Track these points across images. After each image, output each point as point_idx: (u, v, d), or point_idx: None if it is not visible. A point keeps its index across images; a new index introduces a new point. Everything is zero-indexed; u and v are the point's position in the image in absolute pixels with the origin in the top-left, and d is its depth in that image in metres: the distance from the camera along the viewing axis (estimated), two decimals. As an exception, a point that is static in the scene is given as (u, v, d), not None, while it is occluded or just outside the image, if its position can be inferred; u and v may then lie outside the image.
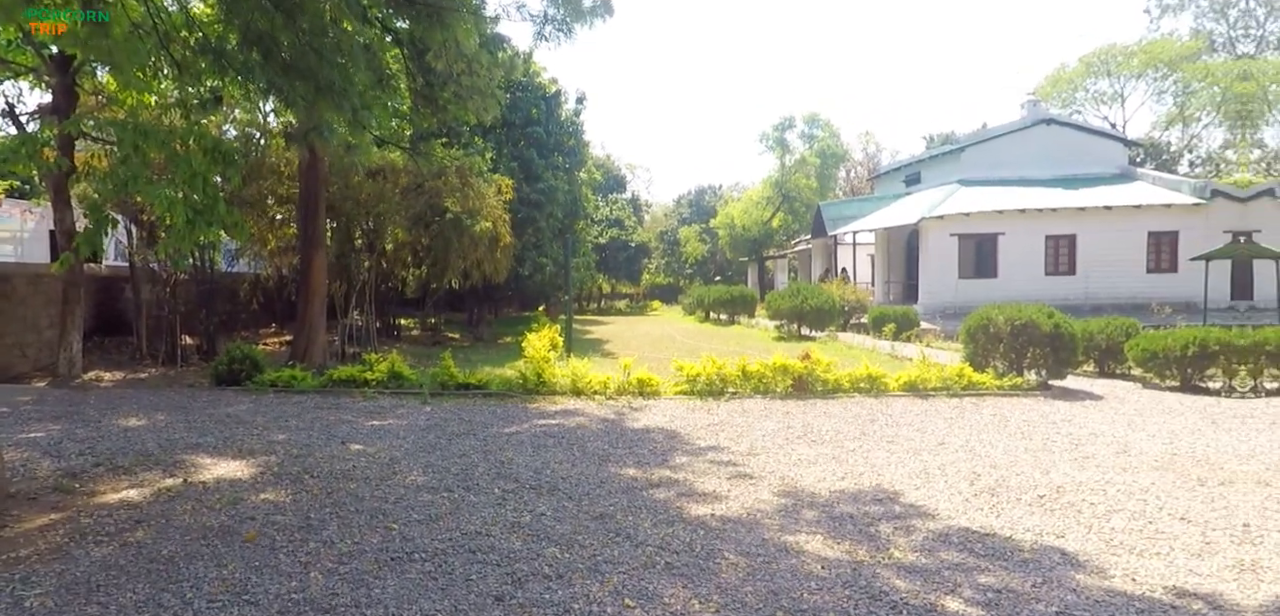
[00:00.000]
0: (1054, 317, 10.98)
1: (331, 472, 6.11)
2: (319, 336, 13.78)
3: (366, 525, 4.79)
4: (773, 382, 10.74)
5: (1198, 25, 37.91)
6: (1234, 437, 7.56)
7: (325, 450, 6.93)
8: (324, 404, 9.64)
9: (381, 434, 7.75)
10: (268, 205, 15.79)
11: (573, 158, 26.71)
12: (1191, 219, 21.22)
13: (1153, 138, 37.29)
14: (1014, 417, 8.81)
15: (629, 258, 44.52)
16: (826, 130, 40.82)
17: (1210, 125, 36.89)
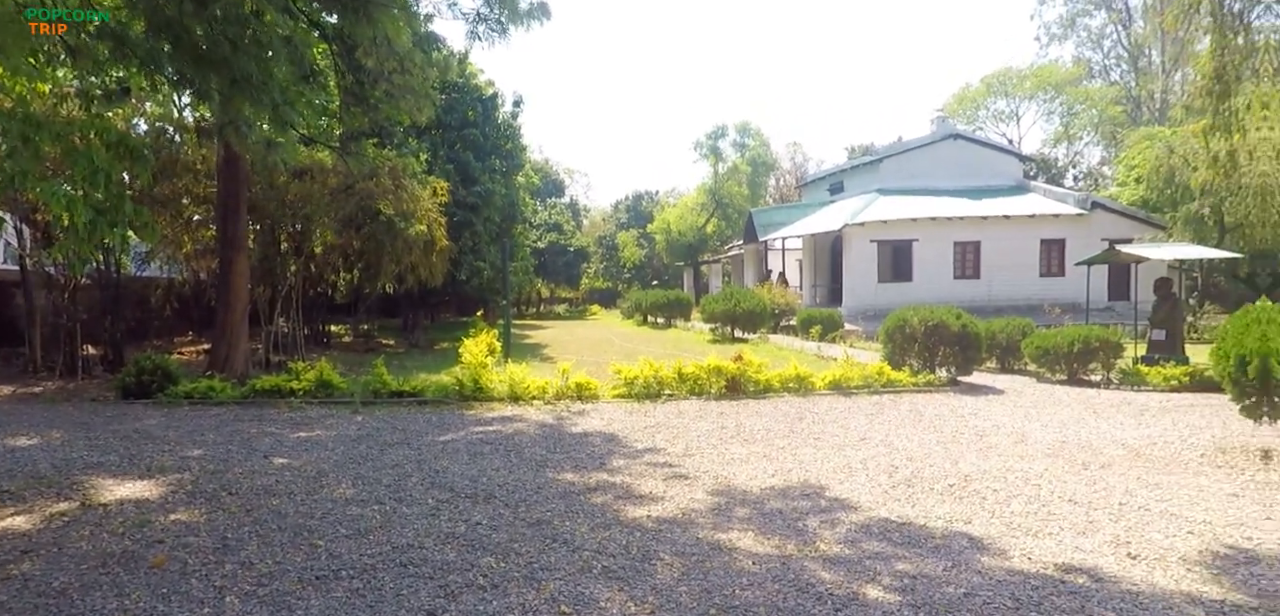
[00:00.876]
0: (962, 319, 11.60)
1: (252, 489, 5.73)
2: (240, 344, 12.90)
3: (289, 543, 4.51)
4: (707, 384, 10.88)
5: (1078, 53, 41.08)
6: (1110, 425, 8.18)
7: (245, 465, 6.51)
8: (245, 416, 9.05)
9: (308, 446, 7.34)
10: (183, 205, 14.72)
11: (510, 161, 26.25)
12: (1076, 227, 22.91)
13: (1043, 154, 40.09)
14: (928, 412, 9.24)
15: (568, 262, 44.21)
16: (757, 140, 41.85)
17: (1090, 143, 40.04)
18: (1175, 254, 12.17)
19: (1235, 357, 6.15)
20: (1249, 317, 6.18)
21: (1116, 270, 22.35)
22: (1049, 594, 3.70)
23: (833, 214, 26.36)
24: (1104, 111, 36.68)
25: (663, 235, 42.15)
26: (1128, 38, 39.26)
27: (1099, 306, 21.60)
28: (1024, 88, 40.60)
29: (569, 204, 54.86)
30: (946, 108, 39.51)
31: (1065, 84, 38.85)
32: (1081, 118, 38.25)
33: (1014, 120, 42.29)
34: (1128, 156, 27.51)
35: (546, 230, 43.26)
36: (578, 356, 16.76)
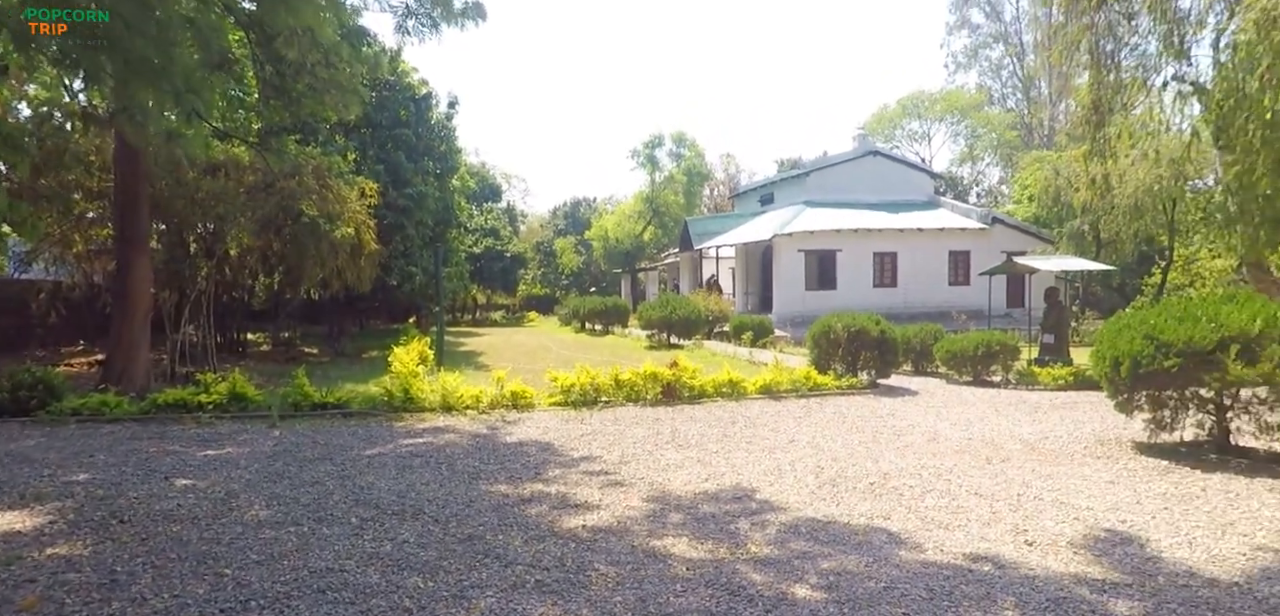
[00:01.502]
0: (881, 325, 12.14)
1: (149, 515, 5.18)
2: (140, 354, 11.68)
3: (191, 573, 4.09)
4: (643, 390, 10.92)
5: (981, 82, 44.03)
6: (1009, 421, 8.77)
7: (142, 489, 5.88)
8: (145, 434, 8.20)
9: (217, 465, 6.77)
10: (74, 200, 13.31)
11: (444, 163, 25.52)
12: (978, 240, 24.46)
13: (951, 172, 42.71)
14: (851, 414, 9.61)
15: (505, 268, 43.42)
16: (692, 150, 42.49)
17: (991, 164, 42.97)
18: (1061, 265, 13.21)
19: (1110, 360, 6.72)
20: (1120, 323, 6.77)
21: (1014, 280, 24.01)
22: (959, 583, 3.91)
23: (763, 224, 27.08)
24: (1002, 135, 39.49)
25: (601, 242, 42.10)
26: (1021, 70, 42.45)
27: (999, 313, 23.12)
28: (934, 111, 43.13)
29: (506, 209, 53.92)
30: (867, 126, 41.42)
31: (970, 109, 41.56)
32: (983, 140, 41.02)
33: (926, 140, 44.87)
34: (1021, 177, 29.66)
35: (483, 235, 42.36)
36: (514, 364, 16.46)
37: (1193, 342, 5.92)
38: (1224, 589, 3.74)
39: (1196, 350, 5.86)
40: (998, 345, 12.03)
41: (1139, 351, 6.14)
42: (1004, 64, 43.19)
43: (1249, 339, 5.69)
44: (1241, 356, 5.62)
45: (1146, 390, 6.48)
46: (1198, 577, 3.89)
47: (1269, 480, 5.61)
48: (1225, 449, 6.37)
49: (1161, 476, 5.90)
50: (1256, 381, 5.62)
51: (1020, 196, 28.67)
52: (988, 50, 43.03)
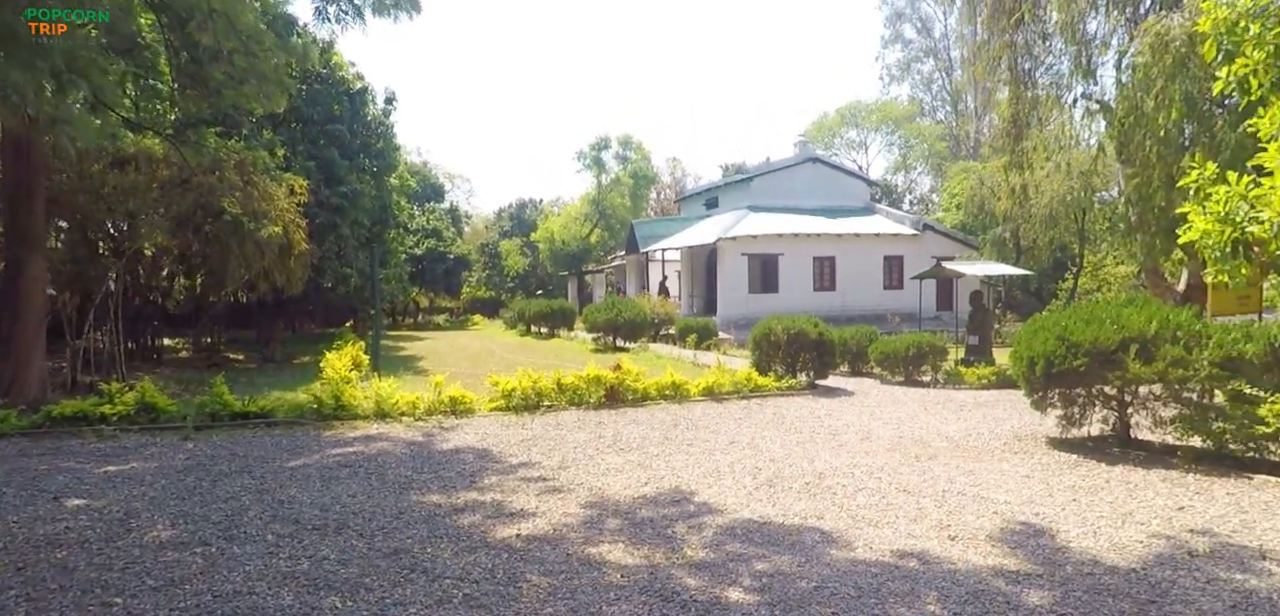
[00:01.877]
0: (819, 328, 12.45)
1: (29, 540, 4.70)
2: (34, 363, 10.71)
3: (73, 604, 3.72)
4: (586, 393, 10.83)
5: (913, 94, 46.08)
6: (937, 420, 9.14)
7: (26, 511, 5.33)
8: (35, 450, 7.47)
9: (118, 482, 6.24)
10: None
11: (382, 161, 24.64)
12: (911, 246, 25.53)
13: (886, 180, 44.49)
14: (789, 414, 9.80)
15: (448, 270, 42.33)
16: (639, 153, 42.61)
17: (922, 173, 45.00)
18: (985, 271, 13.91)
19: (1026, 360, 7.09)
20: (1035, 326, 7.16)
21: (943, 284, 25.16)
22: (886, 580, 4.01)
23: (708, 228, 27.42)
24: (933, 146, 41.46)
25: (547, 244, 41.65)
26: (950, 84, 44.66)
27: (929, 315, 24.18)
28: (871, 120, 44.81)
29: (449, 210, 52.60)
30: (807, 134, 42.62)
31: (903, 120, 43.42)
32: (916, 150, 42.94)
33: (863, 149, 46.58)
34: (950, 186, 31.16)
35: (424, 236, 41.18)
36: (456, 368, 16.06)
37: (1098, 343, 6.31)
38: (1123, 575, 3.97)
39: (1102, 350, 6.25)
40: (928, 346, 12.55)
41: (1052, 351, 6.51)
42: (934, 78, 45.40)
43: (1146, 339, 6.11)
44: (1140, 356, 6.04)
45: (1058, 388, 6.87)
46: (1100, 565, 4.13)
47: (1162, 471, 6.04)
48: (1127, 442, 6.83)
49: (1071, 469, 6.27)
50: (1152, 379, 6.07)
51: (949, 205, 30.13)
52: (919, 64, 45.13)
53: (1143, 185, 8.68)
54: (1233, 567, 4.03)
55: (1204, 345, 5.80)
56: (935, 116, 45.31)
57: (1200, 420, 5.91)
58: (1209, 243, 4.40)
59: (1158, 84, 7.96)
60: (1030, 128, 11.84)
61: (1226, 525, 4.74)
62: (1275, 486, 5.46)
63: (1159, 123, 8.42)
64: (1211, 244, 4.38)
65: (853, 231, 25.52)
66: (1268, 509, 5.00)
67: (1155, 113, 7.92)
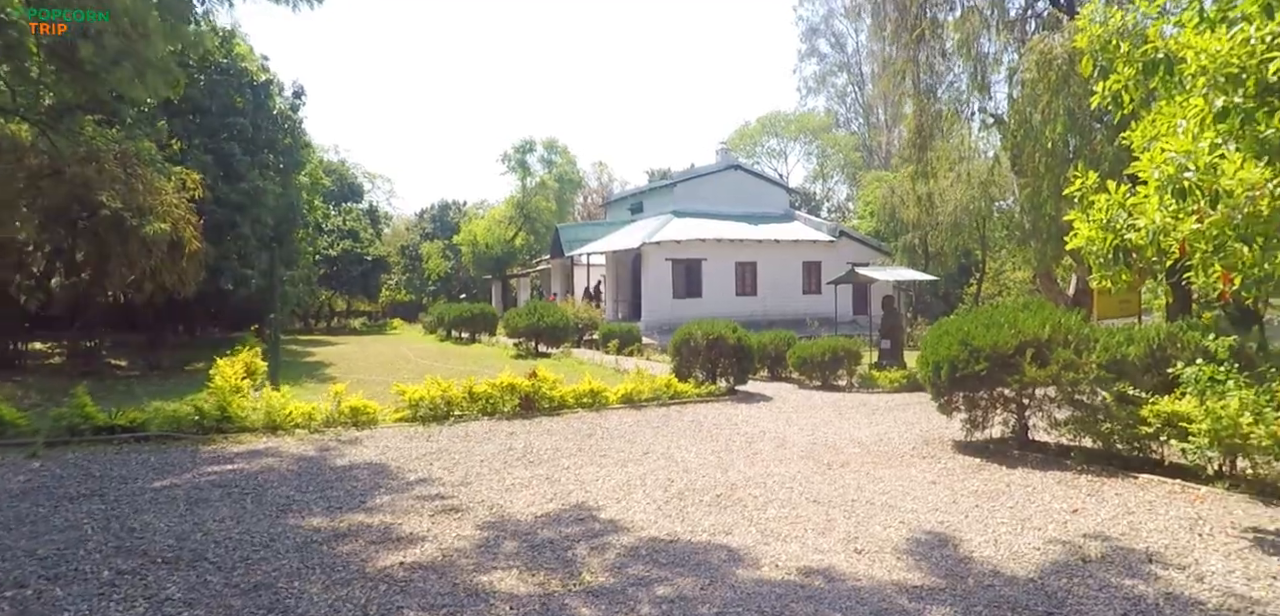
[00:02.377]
0: (738, 333, 12.41)
1: None
2: None
3: None
4: (500, 402, 10.31)
5: (829, 106, 47.97)
6: (850, 424, 9.22)
7: None
8: None
9: None
10: None
11: (289, 157, 22.99)
12: (828, 252, 26.33)
13: (805, 188, 45.99)
14: (707, 421, 9.64)
15: (365, 272, 40.18)
16: (564, 157, 41.98)
17: (838, 182, 46.91)
18: (896, 276, 14.37)
19: (932, 365, 7.20)
20: (941, 330, 7.30)
21: (858, 289, 26.10)
22: (790, 601, 3.79)
23: (633, 232, 27.24)
24: (848, 156, 43.27)
25: (469, 247, 40.26)
26: (862, 97, 46.83)
27: (846, 319, 24.98)
28: (790, 130, 46.25)
29: (368, 210, 50.01)
30: (730, 142, 43.38)
31: (820, 131, 45.08)
32: (832, 160, 44.70)
33: (783, 157, 48.00)
34: (864, 194, 32.51)
35: (340, 237, 38.89)
36: (365, 375, 15.06)
37: (997, 347, 6.46)
38: (1022, 586, 3.94)
39: (1001, 354, 6.40)
40: (843, 351, 12.78)
41: (955, 356, 6.61)
42: (848, 91, 47.47)
43: (1041, 343, 6.31)
44: (1035, 359, 6.22)
45: (962, 392, 7.00)
46: (1001, 576, 4.08)
47: (1058, 473, 6.22)
48: (1026, 444, 7.05)
49: (974, 474, 6.36)
50: (1046, 381, 6.27)
51: (863, 212, 31.39)
52: (834, 78, 47.05)
53: (1034, 195, 9.15)
54: (1123, 573, 4.08)
55: (1092, 348, 6.05)
56: (850, 127, 47.36)
57: (1090, 421, 6.15)
58: (1093, 249, 4.50)
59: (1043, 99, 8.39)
60: (934, 139, 12.35)
61: (1116, 527, 4.86)
62: (1158, 485, 5.72)
63: (1046, 135, 8.88)
64: (1095, 250, 4.47)
65: (773, 237, 26.03)
66: (1151, 509, 5.19)
67: (1042, 126, 8.36)
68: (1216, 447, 5.17)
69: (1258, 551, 4.33)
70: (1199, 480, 5.63)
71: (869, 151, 44.71)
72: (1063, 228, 9.72)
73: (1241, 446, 5.13)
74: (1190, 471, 5.74)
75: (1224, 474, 5.51)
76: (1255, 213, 3.89)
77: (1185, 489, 5.56)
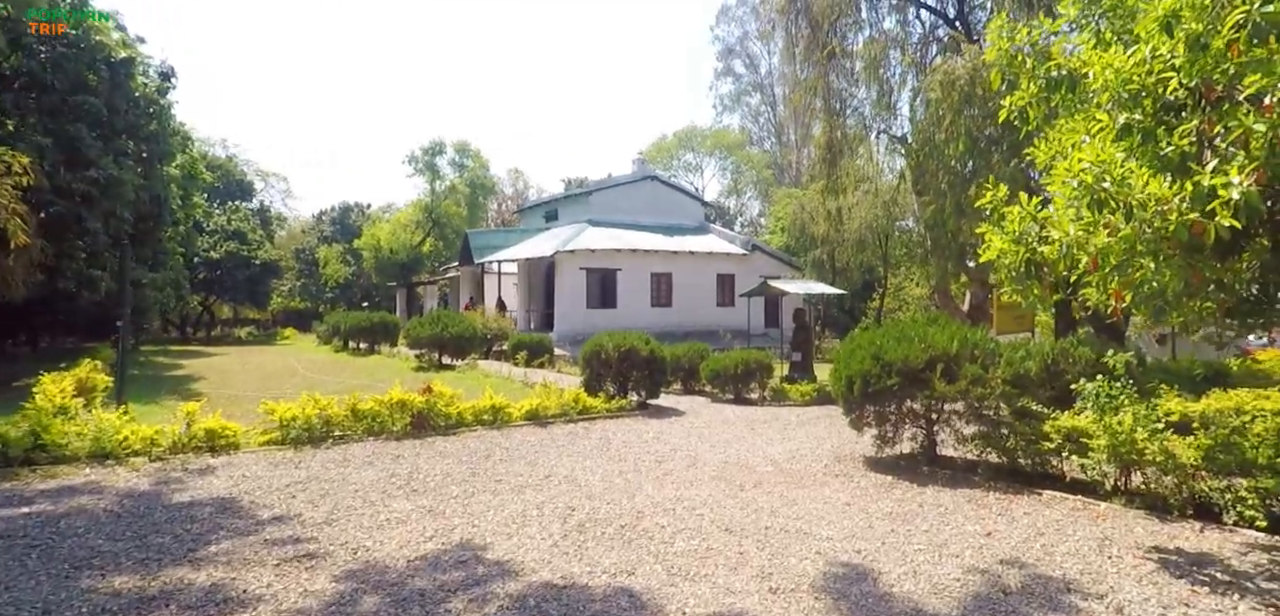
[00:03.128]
0: (650, 344, 11.96)
1: None
2: None
3: None
4: (389, 420, 9.30)
5: (743, 124, 49.26)
6: (763, 440, 8.95)
7: None
8: None
9: None
10: None
11: (155, 146, 20.40)
12: (741, 265, 26.64)
13: (719, 202, 46.89)
14: (616, 439, 9.08)
15: (252, 277, 36.74)
16: (477, 160, 40.32)
17: (752, 198, 48.18)
18: (806, 289, 14.49)
19: (844, 379, 7.00)
20: (853, 344, 7.13)
21: (770, 301, 26.58)
22: (698, 660, 3.25)
23: (546, 240, 26.40)
24: (760, 173, 44.51)
25: (372, 252, 37.72)
26: (775, 117, 48.45)
27: (758, 332, 25.34)
28: (705, 146, 47.03)
29: (258, 210, 46.00)
30: (647, 154, 43.46)
31: (735, 147, 46.14)
32: (746, 176, 45.84)
33: (699, 172, 48.72)
34: (775, 210, 33.37)
35: (224, 238, 35.34)
36: (240, 391, 13.42)
37: (909, 361, 6.33)
38: (946, 623, 3.62)
39: (912, 368, 6.27)
40: (755, 364, 12.62)
41: (868, 371, 6.42)
42: (761, 111, 48.95)
43: (950, 358, 6.23)
44: (944, 375, 6.12)
45: (873, 407, 6.83)
46: (923, 613, 3.75)
47: (967, 491, 6.13)
48: (934, 460, 6.98)
49: (887, 493, 6.15)
50: (955, 396, 6.20)
51: (775, 228, 32.18)
52: (748, 97, 48.39)
53: (937, 212, 9.35)
54: (1043, 605, 3.86)
55: (997, 364, 6.03)
56: (763, 146, 48.83)
57: (995, 437, 6.12)
58: (1005, 263, 4.34)
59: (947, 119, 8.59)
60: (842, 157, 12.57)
61: (1030, 551, 4.71)
62: (1062, 503, 5.71)
63: (949, 154, 9.10)
64: (1007, 264, 4.32)
65: (689, 249, 26.02)
66: (1060, 529, 5.12)
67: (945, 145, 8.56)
68: (1113, 462, 5.18)
69: (1166, 574, 4.28)
70: (1098, 496, 5.67)
71: (780, 169, 46.22)
72: (963, 245, 10.02)
73: (1136, 462, 5.18)
74: (1089, 486, 5.78)
75: (1120, 490, 5.56)
76: (1162, 226, 3.82)
77: (1087, 505, 5.58)
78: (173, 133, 22.32)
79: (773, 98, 48.21)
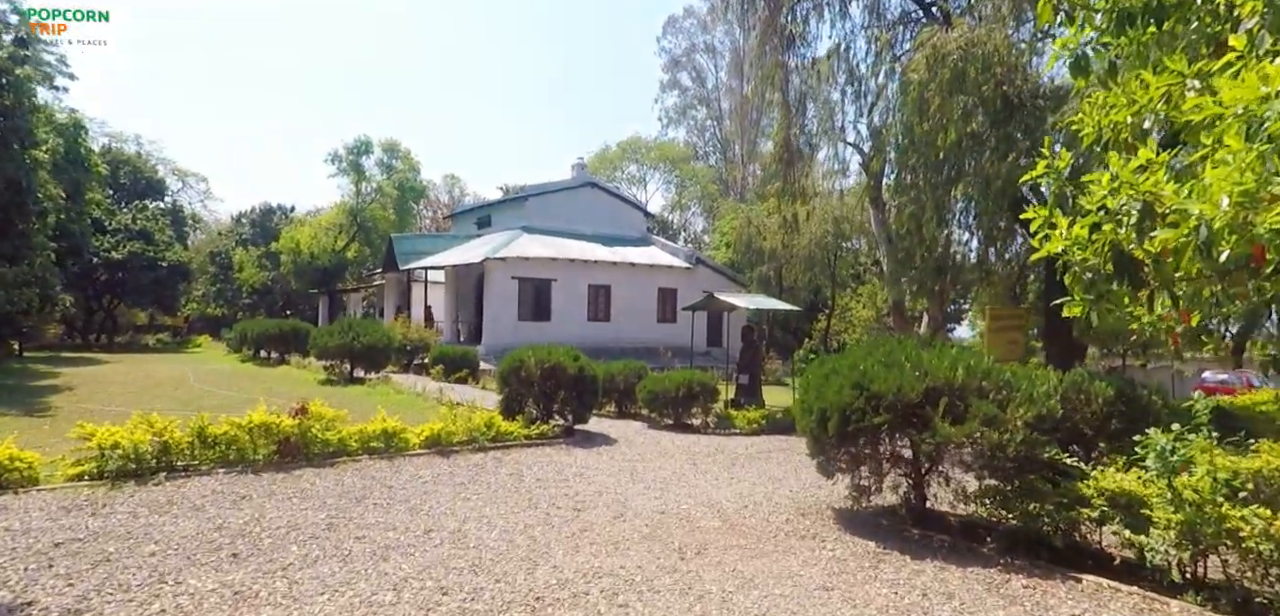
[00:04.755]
0: (579, 361, 10.29)
1: None
2: None
3: None
4: (249, 448, 7.35)
5: (688, 138, 48.48)
6: (707, 480, 7.41)
7: None
8: None
9: None
10: None
11: (12, 122, 17.38)
12: (685, 279, 25.29)
13: (664, 217, 45.77)
14: (530, 475, 7.38)
15: (158, 280, 32.86)
16: (406, 162, 37.50)
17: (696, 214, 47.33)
18: (757, 304, 13.18)
19: (816, 413, 5.54)
20: (827, 369, 5.68)
21: (713, 319, 25.34)
22: None
23: (477, 247, 24.33)
24: (705, 188, 43.65)
25: (291, 256, 34.32)
26: (721, 132, 47.88)
27: (700, 351, 24.02)
28: (650, 158, 45.87)
29: (171, 209, 41.64)
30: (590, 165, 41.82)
31: (679, 161, 45.15)
32: (690, 191, 44.88)
33: (642, 185, 47.45)
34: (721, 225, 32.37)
35: (128, 237, 31.45)
36: (105, 406, 11.31)
37: (903, 393, 4.93)
38: None
39: (906, 402, 4.88)
40: (698, 386, 11.14)
41: (848, 403, 4.98)
42: (707, 126, 48.21)
43: (954, 390, 4.86)
44: (949, 412, 4.74)
45: (850, 449, 5.38)
46: None
47: (979, 569, 4.62)
48: (924, 517, 5.57)
49: (873, 571, 4.64)
50: (962, 440, 4.78)
51: (719, 243, 31.11)
52: (694, 111, 47.56)
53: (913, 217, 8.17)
54: None
55: (1016, 399, 4.68)
56: (708, 160, 48.09)
57: (1013, 497, 4.70)
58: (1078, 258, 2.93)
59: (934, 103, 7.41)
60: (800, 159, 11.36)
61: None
62: (1115, 598, 4.17)
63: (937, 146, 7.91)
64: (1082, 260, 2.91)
65: (629, 260, 24.49)
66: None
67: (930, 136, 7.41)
68: (1183, 543, 3.80)
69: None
70: (1162, 588, 4.14)
71: (726, 185, 45.55)
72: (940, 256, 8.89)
73: (1216, 543, 3.75)
74: (1143, 570, 4.26)
75: (1191, 580, 4.09)
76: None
77: (1151, 606, 4.03)
78: (33, 109, 19.07)
79: (719, 112, 47.67)
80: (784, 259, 20.12)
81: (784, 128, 11.54)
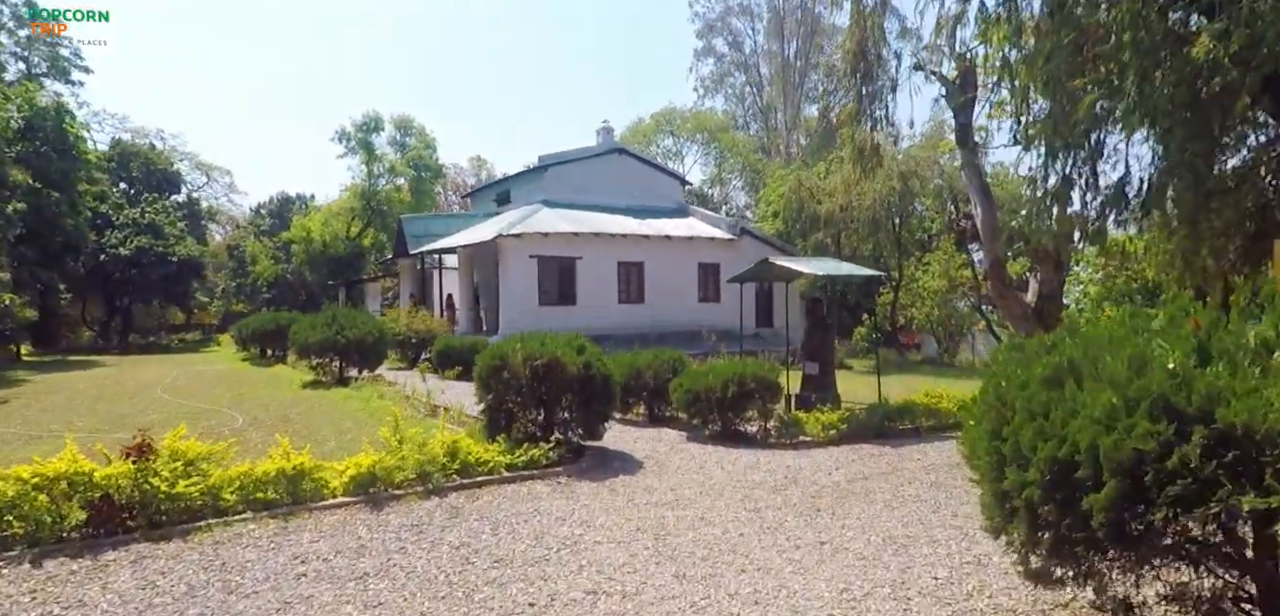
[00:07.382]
0: (585, 354, 7.26)
1: None
2: None
3: None
4: (50, 517, 4.72)
5: (727, 107, 44.62)
6: (783, 549, 4.28)
7: None
8: None
9: None
10: None
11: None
12: (728, 252, 21.90)
13: (702, 191, 42.21)
14: (488, 548, 4.48)
15: (168, 276, 31.51)
16: (421, 139, 34.91)
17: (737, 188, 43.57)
18: (825, 269, 9.85)
19: (1046, 461, 2.30)
20: (1042, 370, 2.40)
21: (763, 296, 21.93)
22: None
23: (492, 225, 21.55)
24: (747, 159, 39.85)
25: (303, 246, 32.40)
26: (761, 100, 43.85)
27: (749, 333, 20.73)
28: (686, 129, 42.31)
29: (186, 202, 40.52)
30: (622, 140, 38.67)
31: (718, 131, 41.43)
32: (730, 162, 41.13)
33: (679, 158, 43.91)
34: (766, 194, 28.73)
35: (135, 232, 30.13)
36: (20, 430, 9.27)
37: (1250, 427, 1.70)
38: None
39: None
40: (753, 381, 7.93)
41: (1143, 452, 1.76)
42: (746, 93, 44.24)
43: None
44: None
45: (1151, 542, 2.15)
46: None
47: None
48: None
49: None
50: None
51: (765, 213, 27.48)
52: (732, 78, 43.64)
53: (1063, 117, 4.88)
54: None
55: None
56: (748, 129, 44.21)
57: None
58: None
59: None
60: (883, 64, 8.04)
61: None
62: None
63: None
64: None
65: (664, 233, 21.28)
66: None
67: None
68: None
69: None
70: None
71: (768, 153, 41.65)
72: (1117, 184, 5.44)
73: None
74: None
75: None
76: None
77: None
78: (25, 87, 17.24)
79: (759, 78, 43.63)
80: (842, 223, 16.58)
81: (857, 31, 8.23)
